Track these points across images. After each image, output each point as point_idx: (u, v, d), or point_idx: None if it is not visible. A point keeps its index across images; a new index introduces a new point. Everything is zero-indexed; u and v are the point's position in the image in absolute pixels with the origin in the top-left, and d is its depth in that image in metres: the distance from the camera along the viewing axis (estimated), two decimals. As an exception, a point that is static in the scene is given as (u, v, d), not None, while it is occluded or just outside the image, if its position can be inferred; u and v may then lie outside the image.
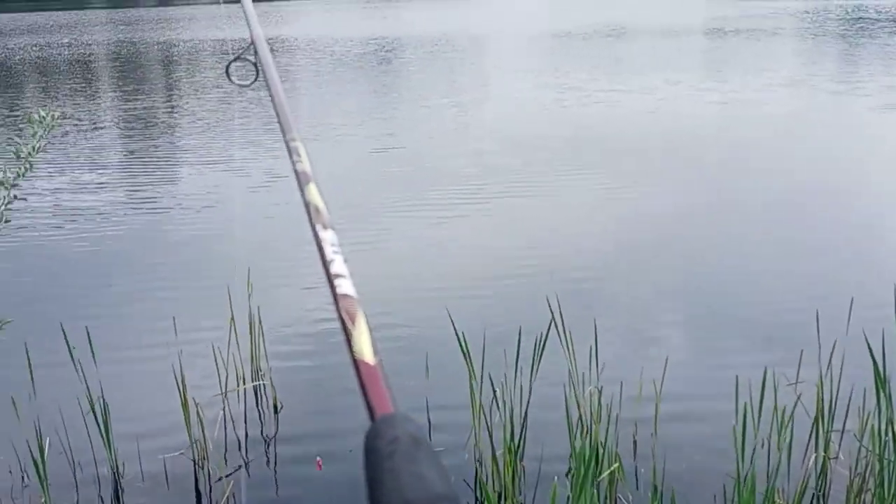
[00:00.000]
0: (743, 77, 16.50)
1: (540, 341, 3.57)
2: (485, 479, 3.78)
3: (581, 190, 8.56)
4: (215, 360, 4.57)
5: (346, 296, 1.01)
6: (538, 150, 10.38)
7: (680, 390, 4.35)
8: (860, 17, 30.89)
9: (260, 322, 4.76)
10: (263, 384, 4.69)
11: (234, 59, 1.76)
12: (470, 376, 3.84)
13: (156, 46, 27.90)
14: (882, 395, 3.23)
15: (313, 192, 1.18)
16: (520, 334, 3.69)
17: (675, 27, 29.62)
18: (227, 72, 1.78)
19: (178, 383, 4.05)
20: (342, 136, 11.58)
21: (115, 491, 3.88)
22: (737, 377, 3.49)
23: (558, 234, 7.26)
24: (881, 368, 3.20)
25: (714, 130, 11.55)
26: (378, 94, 15.84)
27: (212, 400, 4.48)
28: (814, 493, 3.61)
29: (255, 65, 1.69)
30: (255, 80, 1.72)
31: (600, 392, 3.85)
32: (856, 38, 24.02)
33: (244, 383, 4.69)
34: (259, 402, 4.62)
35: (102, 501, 3.81)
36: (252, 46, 1.68)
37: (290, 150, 1.31)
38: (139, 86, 18.66)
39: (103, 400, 3.89)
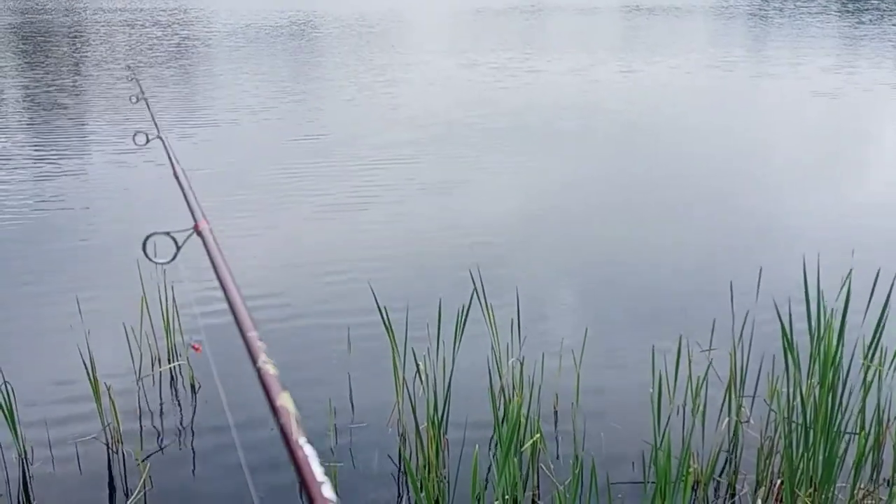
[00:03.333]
0: (658, 55, 16.82)
1: (462, 315, 3.57)
2: (409, 454, 3.78)
3: (502, 167, 8.59)
4: (127, 341, 4.43)
5: None
6: (460, 129, 10.37)
7: (599, 360, 4.43)
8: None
9: (174, 300, 4.62)
10: (180, 364, 4.56)
11: (155, 234, 1.55)
12: (392, 351, 3.81)
13: (59, 18, 26.70)
14: (790, 360, 3.34)
15: (287, 401, 1.01)
16: (441, 308, 3.68)
17: (591, 3, 29.94)
18: (143, 247, 1.55)
19: (86, 366, 3.90)
20: (262, 119, 11.28)
21: (24, 478, 3.71)
22: (653, 346, 3.56)
23: (479, 210, 7.28)
24: (789, 335, 3.31)
25: (633, 109, 11.74)
26: (296, 74, 15.47)
27: (125, 381, 4.34)
28: (727, 457, 3.73)
29: (175, 240, 1.52)
30: (176, 256, 1.56)
31: (522, 363, 3.88)
32: (770, 17, 24.76)
33: (159, 364, 4.55)
34: (175, 382, 4.49)
35: (10, 489, 3.64)
36: (195, 231, 1.49)
37: (253, 351, 1.14)
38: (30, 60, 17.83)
39: (7, 384, 3.71)
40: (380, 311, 3.69)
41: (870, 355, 3.28)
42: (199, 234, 1.52)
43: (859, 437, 3.35)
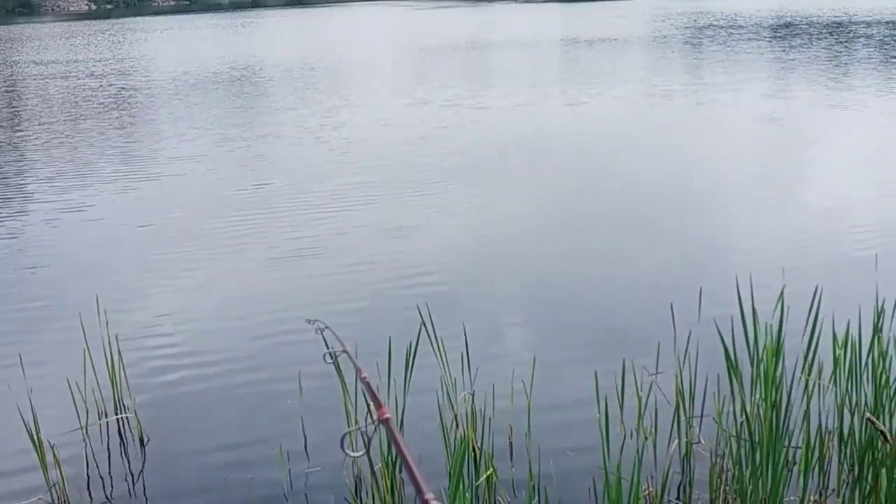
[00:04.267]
0: (600, 86, 17.18)
1: (411, 351, 3.58)
2: (365, 495, 3.75)
3: (450, 205, 8.63)
4: (71, 395, 4.33)
5: None
6: (409, 170, 10.40)
7: (549, 388, 4.46)
8: (709, 24, 32.82)
9: (119, 351, 4.54)
10: (127, 417, 4.47)
11: (353, 431, 1.83)
12: (344, 393, 3.80)
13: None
14: (734, 378, 3.41)
15: None
16: (391, 347, 3.68)
17: (532, 38, 30.52)
18: (341, 443, 1.81)
19: (28, 423, 3.80)
20: (206, 168, 11.17)
21: (-35, 546, 3.59)
22: (596, 372, 3.60)
23: (428, 249, 7.30)
24: (731, 355, 3.38)
25: (577, 141, 11.96)
26: (239, 121, 15.21)
27: (70, 437, 4.23)
28: (679, 478, 3.78)
29: (366, 436, 1.76)
30: (367, 451, 1.81)
31: (473, 396, 3.90)
32: (705, 45, 25.51)
33: (106, 417, 4.46)
34: (123, 435, 4.40)
35: (-50, 559, 3.52)
36: (377, 424, 1.72)
37: None
38: (-23, 111, 17.49)
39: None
40: (329, 353, 3.66)
41: (807, 370, 3.37)
42: (386, 423, 1.73)
43: (805, 450, 3.43)
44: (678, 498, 3.70)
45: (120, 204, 9.19)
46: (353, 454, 1.87)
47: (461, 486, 2.72)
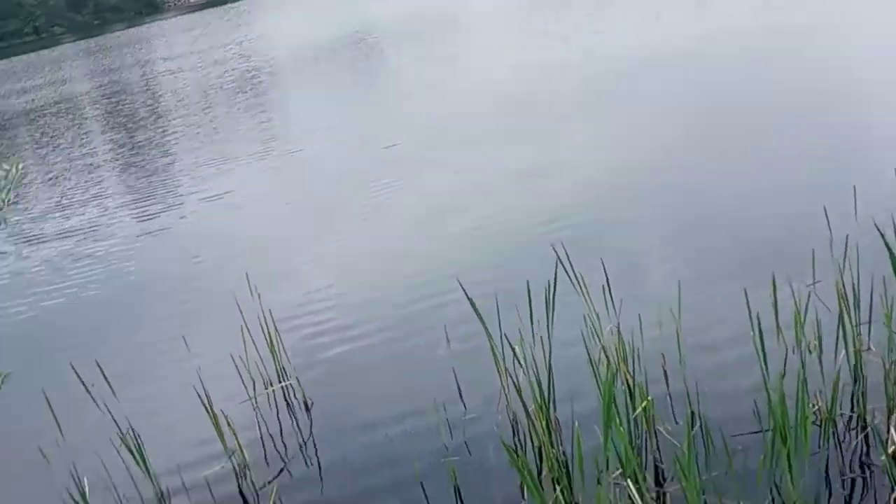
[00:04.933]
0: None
1: (550, 291, 3.53)
2: (522, 438, 3.77)
3: (575, 137, 8.44)
4: (237, 369, 4.58)
5: None
6: (530, 106, 10.25)
7: (699, 313, 4.30)
8: None
9: (274, 324, 4.75)
10: (290, 384, 4.69)
11: None
12: (489, 339, 3.81)
13: (128, 74, 27.76)
14: (901, 279, 3.17)
15: None
16: (529, 288, 3.65)
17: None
18: None
19: (202, 399, 4.06)
20: (339, 136, 11.44)
21: (164, 516, 3.90)
22: (745, 289, 3.42)
23: (560, 184, 7.17)
24: None
25: (706, 50, 11.36)
26: (365, 85, 15.41)
27: (241, 408, 4.49)
28: (850, 389, 3.57)
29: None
30: None
31: (619, 330, 3.82)
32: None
33: (270, 386, 4.69)
34: (289, 402, 4.62)
35: (153, 528, 3.83)
36: None
37: None
38: (117, 119, 18.58)
39: (133, 431, 3.90)
40: (471, 303, 3.69)
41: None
42: None
43: None
44: (852, 410, 3.50)
45: (259, 185, 9.56)
46: None
47: (616, 419, 2.67)
